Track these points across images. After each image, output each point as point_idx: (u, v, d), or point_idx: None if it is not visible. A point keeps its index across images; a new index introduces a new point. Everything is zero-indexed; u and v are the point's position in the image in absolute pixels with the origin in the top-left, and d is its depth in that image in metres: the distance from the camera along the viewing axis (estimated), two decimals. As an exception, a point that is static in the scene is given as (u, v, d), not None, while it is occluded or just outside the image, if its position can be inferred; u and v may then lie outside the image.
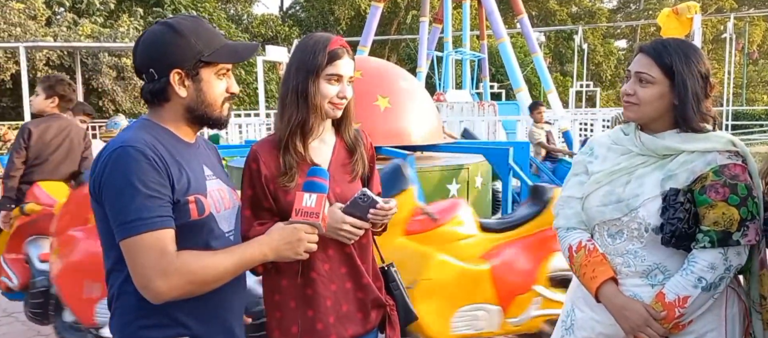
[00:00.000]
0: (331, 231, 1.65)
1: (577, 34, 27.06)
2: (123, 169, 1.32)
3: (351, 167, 1.78)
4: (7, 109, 18.54)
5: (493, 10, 14.10)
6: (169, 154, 1.41)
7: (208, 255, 1.39)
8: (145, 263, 1.31)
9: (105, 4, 21.08)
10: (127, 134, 1.42)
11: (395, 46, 32.75)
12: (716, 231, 1.58)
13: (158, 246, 1.31)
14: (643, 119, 1.72)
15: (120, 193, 1.32)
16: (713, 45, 36.68)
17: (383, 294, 1.83)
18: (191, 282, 1.35)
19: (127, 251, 1.33)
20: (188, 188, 1.42)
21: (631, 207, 1.67)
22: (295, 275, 1.71)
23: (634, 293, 1.69)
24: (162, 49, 1.43)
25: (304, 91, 1.67)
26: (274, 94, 23.44)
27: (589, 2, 39.17)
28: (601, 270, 1.71)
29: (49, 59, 17.45)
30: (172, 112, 1.48)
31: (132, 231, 1.31)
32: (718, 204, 1.58)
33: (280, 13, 35.13)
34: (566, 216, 1.85)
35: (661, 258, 1.67)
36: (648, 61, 1.68)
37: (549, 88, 14.58)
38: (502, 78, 24.53)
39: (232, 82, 1.54)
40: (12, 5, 17.04)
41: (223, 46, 1.48)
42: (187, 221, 1.41)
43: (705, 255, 1.60)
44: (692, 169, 1.63)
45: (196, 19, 1.50)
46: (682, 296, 1.60)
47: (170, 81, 1.43)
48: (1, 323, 4.54)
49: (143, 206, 1.31)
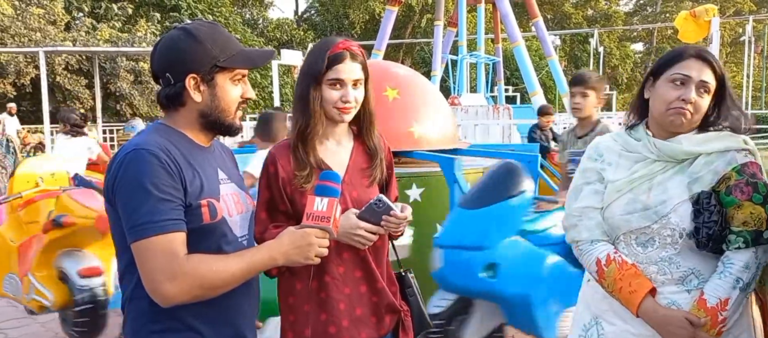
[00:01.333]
0: (345, 236, 1.64)
1: (593, 37, 26.89)
2: (135, 171, 1.33)
3: (369, 172, 1.77)
4: (27, 113, 18.82)
5: (508, 14, 14.08)
6: (183, 158, 1.41)
7: (217, 259, 1.38)
8: (155, 266, 1.31)
9: (123, 9, 21.36)
10: (141, 137, 1.43)
11: (409, 50, 32.76)
12: (748, 231, 1.57)
13: (168, 250, 1.31)
14: (692, 128, 1.70)
15: (132, 196, 1.32)
16: (731, 48, 36.27)
17: (398, 300, 1.82)
18: (201, 286, 1.34)
19: (138, 253, 1.33)
20: (201, 192, 1.42)
21: (660, 214, 1.64)
22: (309, 278, 1.72)
23: (671, 300, 1.66)
24: (178, 54, 1.44)
25: (305, 98, 1.69)
26: (289, 97, 23.53)
27: (605, 5, 38.91)
28: (639, 283, 1.66)
29: (67, 64, 17.70)
30: (187, 116, 1.48)
31: (142, 234, 1.31)
32: (745, 204, 1.57)
33: (295, 17, 35.35)
34: (588, 227, 1.78)
35: (696, 263, 1.65)
36: (708, 69, 1.66)
37: (564, 91, 14.50)
38: (517, 81, 24.43)
39: (248, 87, 1.54)
40: (32, 10, 17.32)
41: (239, 52, 1.48)
42: (200, 224, 1.41)
43: (740, 255, 1.58)
44: (715, 170, 1.62)
45: (212, 25, 1.51)
46: (724, 299, 1.58)
47: (186, 86, 1.43)
48: (19, 324, 4.59)
49: (154, 209, 1.31)
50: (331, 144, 1.77)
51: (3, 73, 16.93)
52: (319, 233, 1.45)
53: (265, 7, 35.37)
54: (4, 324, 4.60)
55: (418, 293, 1.88)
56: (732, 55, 36.16)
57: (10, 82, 17.33)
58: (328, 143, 1.76)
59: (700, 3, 14.56)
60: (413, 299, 1.86)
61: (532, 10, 15.78)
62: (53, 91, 17.09)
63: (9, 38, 16.88)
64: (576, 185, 1.86)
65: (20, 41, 16.91)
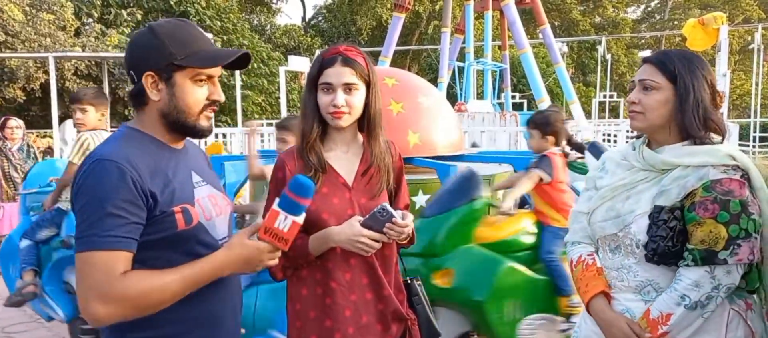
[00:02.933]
0: (348, 244, 1.64)
1: (601, 44, 26.82)
2: (93, 182, 1.29)
3: (377, 179, 1.77)
4: (36, 118, 18.93)
5: (515, 21, 14.07)
6: (153, 166, 1.37)
7: (154, 277, 1.31)
8: (89, 283, 1.27)
9: (132, 15, 21.51)
10: (107, 146, 1.38)
11: (416, 56, 32.78)
12: (700, 249, 1.55)
13: (105, 268, 1.26)
14: (650, 129, 1.70)
15: (84, 207, 1.28)
16: (740, 55, 36.08)
17: (405, 308, 1.81)
18: (133, 308, 1.30)
19: (78, 265, 1.29)
20: (173, 198, 1.38)
21: (625, 223, 1.67)
22: (316, 284, 1.72)
23: (626, 308, 1.69)
24: (139, 51, 1.41)
25: (304, 103, 1.73)
26: (296, 103, 23.60)
27: (613, 12, 38.83)
28: (594, 285, 1.74)
29: (77, 69, 17.80)
30: (150, 116, 1.44)
31: (84, 246, 1.27)
32: (707, 222, 1.55)
33: (302, 24, 35.45)
34: (574, 230, 1.89)
35: (654, 275, 1.66)
36: (651, 68, 1.69)
37: (571, 98, 14.48)
38: (523, 88, 24.38)
39: (216, 89, 1.47)
40: (42, 16, 17.45)
41: (201, 51, 1.42)
42: (174, 231, 1.38)
43: (689, 273, 1.57)
44: (684, 185, 1.60)
45: (179, 23, 1.45)
46: (665, 313, 1.59)
47: (143, 84, 1.40)
48: (28, 328, 4.62)
49: (102, 223, 1.26)
50: (340, 150, 1.77)
51: (13, 77, 17.04)
52: (272, 248, 1.40)
53: (273, 14, 35.52)
54: (11, 327, 4.63)
55: (426, 301, 1.87)
56: (740, 62, 35.96)
57: (20, 86, 17.45)
58: (336, 150, 1.77)
59: (708, 10, 14.52)
60: (420, 307, 1.85)
61: (540, 17, 15.78)
62: (62, 96, 17.17)
63: (19, 43, 17.00)
64: (582, 192, 1.95)
65: (30, 46, 17.03)
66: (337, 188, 1.73)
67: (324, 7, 36.32)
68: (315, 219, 1.69)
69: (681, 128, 1.66)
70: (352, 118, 1.71)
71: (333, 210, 1.70)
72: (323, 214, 1.69)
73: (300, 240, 1.70)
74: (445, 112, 4.70)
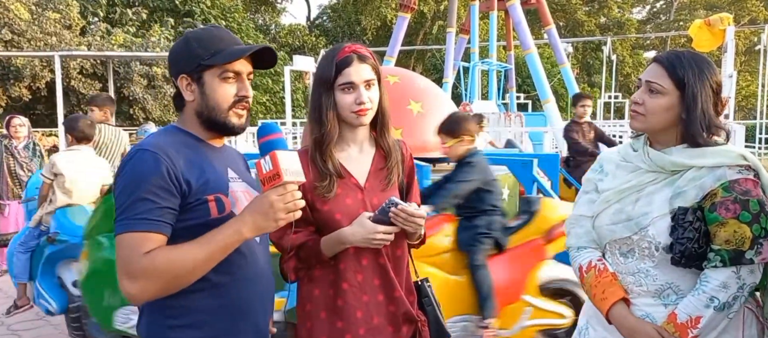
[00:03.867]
0: (363, 241, 1.64)
1: (606, 44, 26.77)
2: (131, 170, 1.38)
3: (387, 174, 1.76)
4: (42, 116, 19.01)
5: (520, 21, 14.06)
6: (190, 157, 1.45)
7: (176, 249, 1.36)
8: (119, 262, 1.35)
9: (137, 14, 21.60)
10: (148, 139, 1.48)
11: (421, 56, 32.79)
12: (728, 250, 1.53)
13: (131, 247, 1.33)
14: (649, 130, 1.69)
15: (121, 192, 1.37)
16: (746, 56, 35.96)
17: (415, 309, 1.80)
18: (162, 280, 1.34)
19: (116, 248, 1.38)
20: (207, 188, 1.45)
21: (640, 226, 1.64)
22: (327, 285, 1.71)
23: (646, 313, 1.66)
24: (174, 57, 1.54)
25: (319, 106, 1.69)
26: (300, 102, 23.64)
27: (618, 13, 38.76)
28: (612, 291, 1.68)
29: (82, 68, 17.87)
30: (189, 116, 1.55)
31: (118, 229, 1.35)
32: (730, 222, 1.53)
33: (307, 23, 35.50)
34: (577, 235, 1.83)
35: (674, 277, 1.64)
36: (661, 71, 1.65)
37: (577, 99, 14.42)
38: (528, 88, 24.36)
39: (244, 85, 1.52)
40: (48, 15, 17.52)
41: (225, 50, 1.49)
42: (207, 219, 1.43)
43: (717, 274, 1.55)
44: (701, 186, 1.59)
45: (208, 28, 1.56)
46: (695, 316, 1.56)
47: (179, 86, 1.52)
48: (33, 326, 4.63)
49: (134, 206, 1.34)
50: (353, 150, 1.76)
51: (19, 76, 17.12)
52: (279, 190, 1.38)
53: (278, 13, 35.59)
54: (18, 325, 4.64)
55: (436, 303, 1.86)
56: (746, 64, 35.83)
57: (26, 85, 17.52)
58: (349, 150, 1.76)
59: (714, 11, 14.48)
60: (430, 309, 1.84)
61: (545, 17, 15.78)
62: (68, 95, 17.25)
63: (25, 42, 17.08)
64: (578, 195, 1.90)
65: (36, 45, 17.10)
66: (349, 189, 1.72)
67: (329, 6, 36.37)
68: (328, 219, 1.68)
69: (684, 134, 1.64)
70: (373, 113, 1.71)
71: (346, 210, 1.69)
72: (336, 215, 1.69)
73: (311, 241, 1.70)
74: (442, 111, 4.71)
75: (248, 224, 1.38)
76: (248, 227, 1.39)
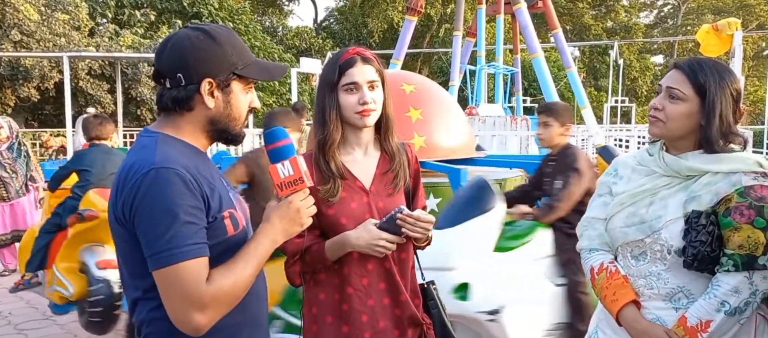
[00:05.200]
0: (367, 248, 1.64)
1: (613, 49, 26.70)
2: (158, 193, 1.24)
3: (393, 179, 1.76)
4: (50, 117, 19.13)
5: (527, 25, 14.03)
6: (198, 172, 1.34)
7: (230, 270, 1.31)
8: (182, 294, 1.24)
9: (145, 15, 21.70)
10: (152, 154, 1.30)
11: (427, 59, 32.77)
12: (741, 254, 1.53)
13: (194, 277, 1.25)
14: (668, 136, 1.69)
15: (156, 220, 1.24)
16: (754, 62, 35.77)
17: (421, 312, 1.81)
18: (227, 304, 1.31)
19: (161, 281, 1.26)
20: (221, 203, 1.37)
21: (653, 229, 1.65)
22: (333, 289, 1.71)
23: (657, 316, 1.66)
24: (196, 54, 1.35)
25: (322, 108, 1.71)
26: (307, 105, 23.63)
27: (625, 17, 38.63)
28: (622, 293, 1.69)
29: (90, 69, 17.97)
30: (192, 123, 1.40)
31: (168, 261, 1.23)
32: (744, 227, 1.54)
33: (314, 26, 35.55)
34: (589, 237, 1.84)
35: (685, 281, 1.64)
36: (681, 77, 1.66)
37: (583, 103, 14.41)
38: (535, 92, 24.31)
39: (255, 97, 1.48)
40: (57, 16, 17.63)
41: (255, 62, 1.44)
42: (224, 238, 1.37)
43: (729, 278, 1.55)
44: (716, 191, 1.59)
45: (230, 30, 1.45)
46: (705, 320, 1.56)
47: (200, 90, 1.36)
48: (40, 325, 4.66)
49: (180, 233, 1.24)
50: (358, 154, 1.77)
51: (28, 76, 17.22)
52: (301, 195, 1.41)
53: (285, 16, 35.68)
54: (24, 324, 4.67)
55: (441, 306, 1.86)
56: (754, 69, 35.64)
57: (35, 85, 17.63)
58: (354, 153, 1.76)
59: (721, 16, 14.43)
60: (436, 312, 1.84)
61: (552, 21, 15.74)
62: (76, 96, 17.33)
63: (34, 43, 17.19)
64: (592, 197, 1.91)
65: (45, 46, 17.21)
66: (354, 192, 1.73)
67: (336, 9, 36.42)
68: (333, 223, 1.69)
69: (702, 140, 1.65)
70: (377, 115, 1.72)
71: (351, 214, 1.70)
72: (342, 219, 1.69)
73: (316, 245, 1.70)
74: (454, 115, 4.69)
75: (280, 231, 1.39)
76: (280, 234, 1.39)
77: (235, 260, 1.33)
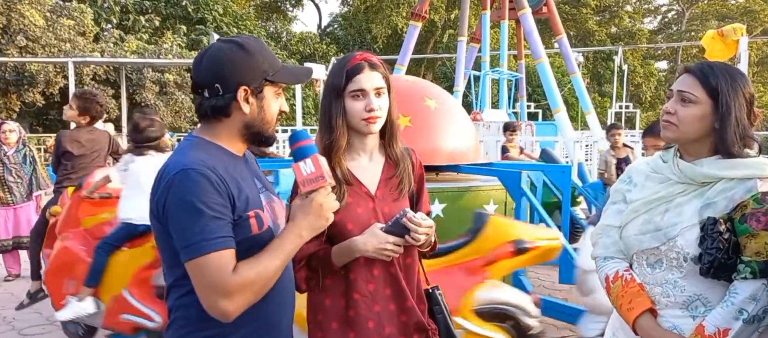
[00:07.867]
0: (374, 252, 1.64)
1: (617, 54, 26.67)
2: (186, 191, 1.36)
3: (397, 184, 1.76)
4: (55, 122, 19.20)
5: (531, 31, 14.01)
6: (227, 173, 1.44)
7: (257, 263, 1.41)
8: (210, 282, 1.36)
9: (150, 21, 21.81)
10: (184, 156, 1.44)
11: (431, 65, 32.83)
12: (758, 261, 1.51)
13: (221, 266, 1.35)
14: (681, 140, 1.68)
15: (184, 216, 1.36)
16: (759, 67, 35.72)
17: (426, 317, 1.80)
18: (253, 293, 1.40)
19: (192, 271, 1.37)
20: (248, 204, 1.47)
21: (669, 236, 1.63)
22: (339, 295, 1.71)
23: (674, 325, 1.64)
24: (231, 65, 1.46)
25: (328, 113, 1.71)
26: (311, 110, 23.69)
27: (629, 23, 38.64)
28: (638, 302, 1.67)
29: (95, 74, 18.05)
30: (230, 128, 1.52)
31: (197, 253, 1.35)
32: (760, 234, 1.51)
33: (318, 31, 35.66)
34: (604, 245, 1.81)
35: (702, 289, 1.62)
36: (693, 80, 1.64)
37: (587, 108, 14.38)
38: (539, 98, 24.30)
39: (284, 101, 1.59)
40: (63, 22, 17.73)
41: (284, 68, 1.54)
42: (249, 236, 1.45)
43: (746, 286, 1.53)
44: (731, 197, 1.58)
45: (259, 40, 1.55)
46: (723, 329, 1.53)
47: (236, 97, 1.46)
48: (44, 331, 4.65)
49: (206, 227, 1.35)
50: (364, 159, 1.76)
51: (33, 82, 17.31)
52: (323, 192, 1.47)
53: (289, 21, 35.81)
54: (28, 330, 4.66)
55: (446, 311, 1.85)
56: (759, 74, 35.59)
57: (40, 91, 17.72)
58: (359, 159, 1.76)
59: (726, 22, 14.41)
60: (441, 317, 1.83)
61: (556, 27, 15.72)
62: (81, 101, 17.40)
63: (40, 48, 17.28)
64: (606, 205, 1.89)
65: (50, 51, 17.29)
66: (360, 198, 1.72)
67: (339, 15, 36.56)
68: (340, 229, 1.68)
69: (718, 144, 1.63)
70: (383, 122, 1.72)
71: (357, 220, 1.69)
72: (348, 224, 1.69)
73: (322, 251, 1.70)
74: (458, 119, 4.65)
75: (305, 227, 1.46)
76: (306, 230, 1.47)
77: (261, 253, 1.43)
